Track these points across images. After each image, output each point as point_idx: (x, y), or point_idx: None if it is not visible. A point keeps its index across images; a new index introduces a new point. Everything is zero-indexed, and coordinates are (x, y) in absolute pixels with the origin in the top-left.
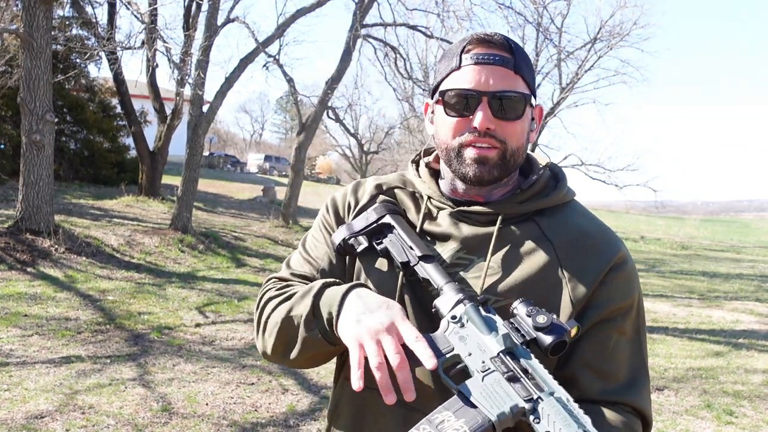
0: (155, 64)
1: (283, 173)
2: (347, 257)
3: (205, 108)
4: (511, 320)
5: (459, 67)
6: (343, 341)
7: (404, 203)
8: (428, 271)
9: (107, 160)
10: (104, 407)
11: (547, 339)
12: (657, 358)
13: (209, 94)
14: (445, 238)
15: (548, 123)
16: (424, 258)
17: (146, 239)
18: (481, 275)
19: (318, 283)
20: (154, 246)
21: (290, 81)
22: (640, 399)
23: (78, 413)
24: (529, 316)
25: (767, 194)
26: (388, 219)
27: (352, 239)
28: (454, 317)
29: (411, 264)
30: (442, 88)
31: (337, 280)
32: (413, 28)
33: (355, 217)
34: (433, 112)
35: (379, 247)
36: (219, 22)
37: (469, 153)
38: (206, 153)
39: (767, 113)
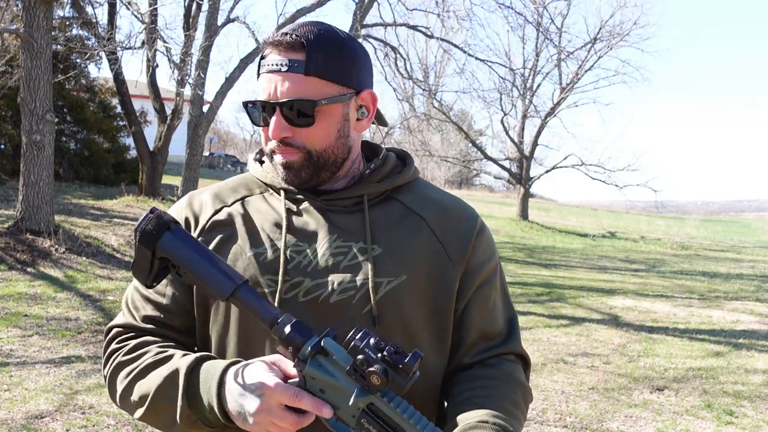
0: (155, 64)
1: None
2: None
3: (205, 108)
4: (358, 358)
5: (258, 75)
6: None
7: (258, 211)
8: (248, 308)
9: (107, 161)
10: (104, 407)
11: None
12: (657, 358)
13: (209, 94)
14: (316, 231)
15: (548, 123)
16: (231, 297)
17: None
18: (365, 259)
19: (182, 370)
20: None
21: None
22: (518, 344)
23: (78, 413)
24: (370, 363)
25: (767, 194)
26: (160, 251)
27: (153, 282)
28: (301, 371)
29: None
30: (244, 99)
31: (195, 358)
32: (413, 28)
33: (199, 234)
34: None
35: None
36: (219, 22)
37: (277, 159)
38: (206, 153)
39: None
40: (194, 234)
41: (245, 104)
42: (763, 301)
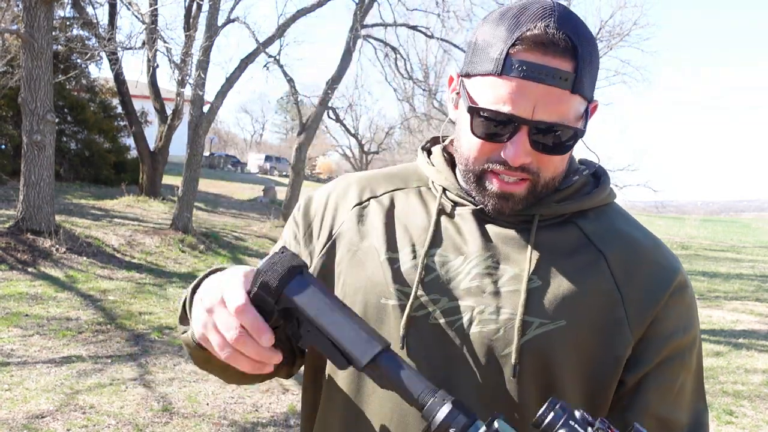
0: (156, 64)
1: (284, 173)
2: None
3: (205, 108)
4: None
5: (500, 74)
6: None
7: (407, 209)
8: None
9: (108, 161)
10: (105, 407)
11: None
12: None
13: (210, 95)
14: (467, 241)
15: None
16: (367, 367)
17: (147, 239)
18: (519, 289)
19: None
20: (154, 246)
21: (290, 81)
22: None
23: (79, 413)
24: None
25: (767, 194)
26: (290, 300)
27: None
28: None
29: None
30: (472, 94)
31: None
32: (413, 28)
33: (335, 226)
34: (458, 94)
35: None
36: (219, 23)
37: (492, 186)
38: (207, 153)
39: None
40: (329, 226)
41: (476, 110)
42: (763, 301)
